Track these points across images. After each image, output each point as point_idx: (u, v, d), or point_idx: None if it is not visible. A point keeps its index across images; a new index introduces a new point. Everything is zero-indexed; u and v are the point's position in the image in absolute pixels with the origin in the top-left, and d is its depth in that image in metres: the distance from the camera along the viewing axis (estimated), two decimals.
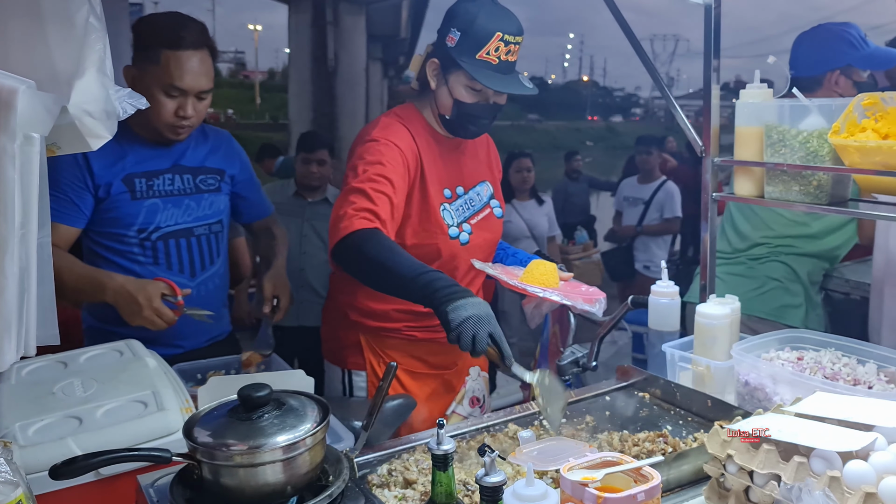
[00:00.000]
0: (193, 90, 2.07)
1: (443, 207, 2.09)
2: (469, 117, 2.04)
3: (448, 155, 2.14)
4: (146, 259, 2.15)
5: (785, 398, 1.69)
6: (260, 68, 36.99)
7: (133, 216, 2.12)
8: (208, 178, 2.27)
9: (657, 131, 13.44)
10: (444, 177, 2.12)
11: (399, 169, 1.96)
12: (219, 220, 2.31)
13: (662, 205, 5.96)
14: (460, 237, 2.11)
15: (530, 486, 1.14)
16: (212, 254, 2.28)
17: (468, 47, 1.94)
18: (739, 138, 2.01)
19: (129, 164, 2.13)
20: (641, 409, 1.83)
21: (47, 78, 1.04)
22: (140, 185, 2.13)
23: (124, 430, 1.46)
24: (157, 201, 2.15)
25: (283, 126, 10.14)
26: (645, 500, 1.12)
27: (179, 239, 2.19)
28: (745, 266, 2.79)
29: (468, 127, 2.08)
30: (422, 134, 2.09)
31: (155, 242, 2.16)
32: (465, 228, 2.13)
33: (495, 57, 1.95)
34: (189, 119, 2.09)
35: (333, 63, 8.27)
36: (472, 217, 2.17)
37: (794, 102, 1.88)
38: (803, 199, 1.90)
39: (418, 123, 2.10)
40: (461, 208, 2.14)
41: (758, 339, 1.91)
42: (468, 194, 2.18)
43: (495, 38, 1.93)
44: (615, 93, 44.41)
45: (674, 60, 49.89)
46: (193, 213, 2.22)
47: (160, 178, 2.16)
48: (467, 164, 2.20)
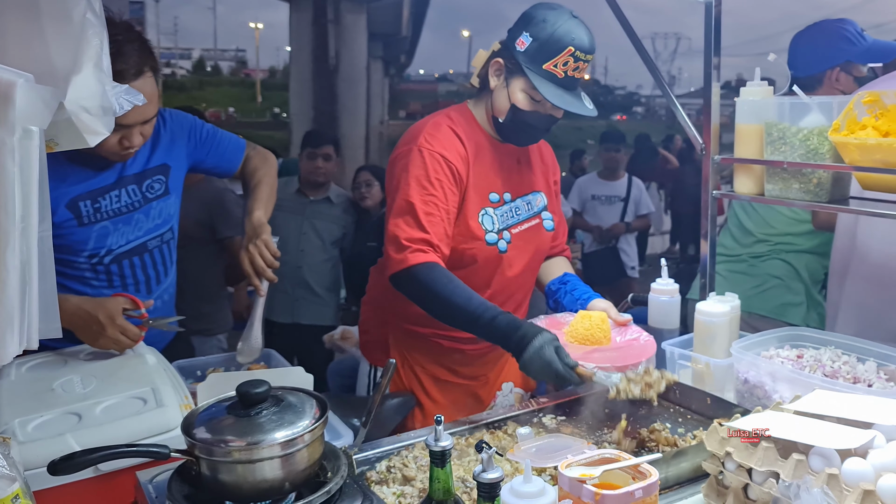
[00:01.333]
0: (138, 122, 1.91)
1: (484, 212, 2.04)
2: (523, 125, 2.01)
3: (500, 159, 2.10)
4: (99, 283, 2.04)
5: (784, 396, 1.69)
6: (261, 66, 37.00)
7: (83, 242, 1.99)
8: (153, 183, 2.12)
9: (659, 130, 13.45)
10: (493, 180, 2.07)
11: (446, 182, 1.95)
12: (169, 227, 2.19)
13: (637, 201, 5.97)
14: (499, 244, 2.06)
15: (528, 482, 1.14)
16: (165, 265, 2.18)
17: (537, 55, 1.91)
18: (740, 136, 2.00)
19: (71, 185, 1.97)
20: (641, 407, 1.83)
21: (44, 73, 1.04)
22: (86, 209, 1.98)
23: (123, 426, 1.46)
24: (107, 224, 2.01)
25: (285, 124, 10.16)
26: (643, 497, 1.12)
27: (133, 258, 2.08)
28: (747, 264, 2.79)
29: (520, 135, 2.05)
30: (472, 137, 2.05)
31: (108, 266, 2.04)
32: (506, 236, 2.07)
33: (562, 71, 1.91)
34: (135, 146, 1.95)
35: (334, 61, 8.28)
36: (516, 225, 2.10)
37: (795, 100, 1.87)
38: (803, 197, 1.89)
39: (470, 125, 2.07)
40: (506, 215, 2.09)
41: (757, 337, 1.91)
42: (515, 202, 2.12)
43: (567, 52, 1.90)
44: (616, 91, 44.32)
45: (675, 59, 49.82)
46: (144, 227, 2.10)
47: (106, 198, 2.02)
48: (520, 171, 2.15)
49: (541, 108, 1.98)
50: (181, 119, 2.22)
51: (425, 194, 1.92)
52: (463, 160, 2.00)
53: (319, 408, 1.32)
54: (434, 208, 1.92)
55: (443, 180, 1.94)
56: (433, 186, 1.93)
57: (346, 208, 4.17)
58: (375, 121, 10.22)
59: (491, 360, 2.20)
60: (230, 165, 2.30)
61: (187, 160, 2.22)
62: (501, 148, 2.10)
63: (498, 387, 2.24)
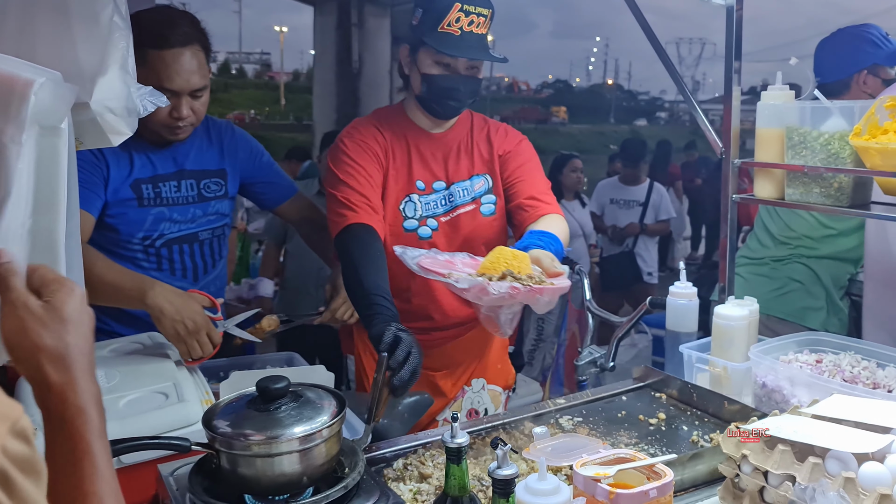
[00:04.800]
0: (185, 90, 1.99)
1: (408, 199, 2.08)
2: (440, 90, 2.02)
3: (433, 147, 2.13)
4: (149, 264, 2.11)
5: (802, 400, 1.68)
6: (285, 69, 37.26)
7: (139, 223, 2.08)
8: (211, 184, 2.21)
9: (682, 135, 13.37)
10: (420, 169, 2.10)
11: (368, 159, 2.02)
12: (224, 223, 2.27)
13: (658, 206, 5.94)
14: (419, 230, 2.08)
15: (542, 480, 1.15)
16: (214, 257, 2.25)
17: (429, 22, 1.94)
18: (760, 140, 2.00)
19: (135, 168, 2.08)
20: (658, 410, 1.83)
21: (72, 74, 1.07)
22: (147, 192, 2.09)
23: (146, 419, 1.49)
24: (164, 209, 2.11)
25: (308, 127, 10.23)
26: (657, 497, 1.12)
27: (183, 245, 2.16)
28: (769, 267, 2.78)
29: (443, 102, 2.05)
30: (393, 128, 2.10)
31: (159, 249, 2.12)
32: (431, 224, 2.10)
33: (457, 28, 1.93)
34: (185, 119, 2.03)
35: (358, 65, 8.32)
36: (447, 213, 2.12)
37: (816, 104, 1.86)
38: (824, 202, 1.88)
39: (398, 117, 2.12)
40: (434, 203, 2.11)
41: (776, 342, 1.90)
42: (451, 189, 2.13)
43: (454, 8, 1.92)
44: (640, 96, 44.15)
45: (700, 64, 49.50)
46: (199, 220, 2.18)
47: (166, 185, 2.12)
48: (458, 157, 2.16)
49: (451, 71, 1.99)
50: (246, 137, 2.35)
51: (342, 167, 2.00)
52: (380, 145, 2.06)
53: (338, 404, 1.34)
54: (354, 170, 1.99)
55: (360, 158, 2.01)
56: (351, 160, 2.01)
57: None
58: None
59: (454, 352, 2.21)
60: (272, 202, 2.42)
61: (240, 176, 2.31)
62: (436, 137, 2.13)
63: (465, 381, 2.26)
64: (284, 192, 2.43)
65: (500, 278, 1.60)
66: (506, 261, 1.65)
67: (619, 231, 5.89)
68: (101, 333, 2.08)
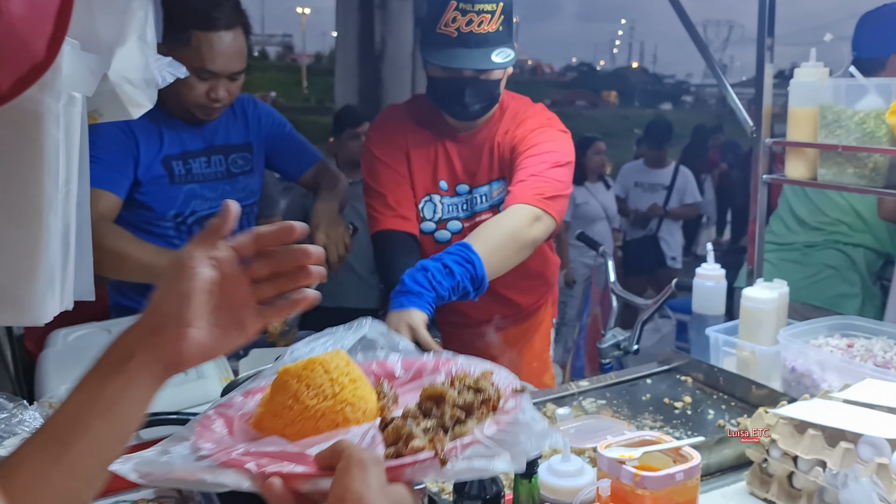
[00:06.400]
0: (226, 73, 2.00)
1: (428, 198, 2.02)
2: (444, 95, 1.92)
3: (460, 147, 2.04)
4: (181, 242, 2.11)
5: (833, 385, 1.64)
6: (307, 52, 37.24)
7: (171, 200, 2.09)
8: (238, 159, 2.21)
9: (708, 119, 13.20)
10: (444, 168, 2.03)
11: (393, 157, 2.01)
12: (253, 201, 2.28)
13: (683, 190, 5.86)
14: (436, 234, 2.03)
15: (566, 461, 1.12)
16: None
17: (428, 22, 1.85)
18: (793, 119, 1.95)
19: (165, 144, 2.08)
20: (683, 394, 1.80)
21: (89, 44, 1.04)
22: (178, 168, 2.10)
23: (165, 396, 1.45)
24: (195, 186, 2.12)
25: (329, 109, 10.21)
26: (684, 480, 1.10)
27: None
28: (800, 252, 2.70)
29: (450, 107, 1.96)
30: (424, 122, 2.03)
31: (191, 226, 2.13)
32: (452, 226, 2.03)
33: (454, 29, 1.81)
34: (221, 101, 2.03)
35: (380, 47, 8.25)
36: (468, 218, 2.05)
37: (851, 82, 1.81)
38: (858, 182, 1.83)
39: (425, 112, 2.04)
40: (456, 206, 2.05)
41: (806, 325, 1.86)
42: (472, 193, 2.05)
43: (450, 7, 1.79)
44: (665, 80, 43.65)
45: (727, 47, 48.81)
46: (229, 197, 2.16)
47: (196, 162, 2.13)
48: (480, 160, 2.04)
49: (453, 74, 1.86)
50: (268, 109, 2.35)
51: (374, 167, 2.00)
52: (406, 139, 2.02)
53: None
54: (386, 175, 1.99)
55: (389, 153, 2.00)
56: (379, 160, 2.00)
57: None
58: None
59: (488, 350, 2.11)
60: (295, 172, 2.39)
61: (265, 148, 2.31)
62: (463, 138, 2.04)
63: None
64: (308, 159, 2.39)
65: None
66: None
67: (640, 213, 5.82)
68: (129, 312, 2.10)
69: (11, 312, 0.88)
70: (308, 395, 0.92)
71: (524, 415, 0.86)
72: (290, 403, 0.92)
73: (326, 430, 0.90)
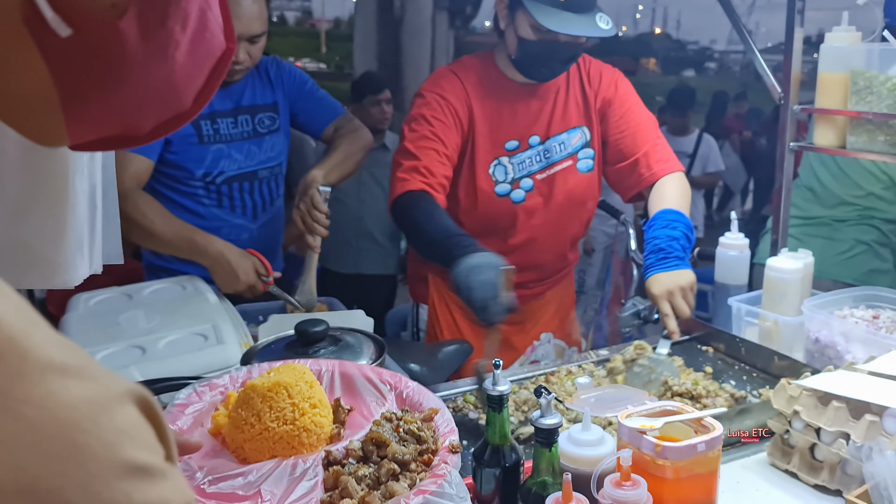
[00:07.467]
0: (245, 35, 2.01)
1: (497, 162, 1.99)
2: (535, 58, 1.92)
3: (526, 101, 2.02)
4: (210, 201, 2.16)
5: (857, 357, 1.62)
6: (326, 17, 36.92)
7: (200, 160, 2.12)
8: (264, 118, 2.23)
9: (732, 86, 12.97)
10: (512, 126, 2.01)
11: (447, 120, 1.92)
12: (279, 162, 2.29)
13: (706, 158, 5.77)
14: (512, 194, 2.00)
15: (586, 430, 1.12)
16: (272, 195, 2.28)
17: None
18: (822, 85, 1.90)
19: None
20: (704, 364, 1.78)
21: None
22: (206, 128, 2.11)
23: (185, 360, 1.49)
24: (223, 147, 2.14)
25: (348, 75, 10.14)
26: (705, 451, 1.08)
27: (243, 182, 2.19)
28: (830, 228, 2.57)
29: (538, 69, 1.96)
30: (480, 83, 1.99)
31: (220, 186, 2.16)
32: (525, 184, 2.01)
33: None
34: (241, 63, 2.04)
35: (399, 12, 8.17)
36: (542, 170, 2.03)
37: (885, 46, 1.76)
38: (889, 150, 1.79)
39: (479, 72, 2.01)
40: (528, 161, 2.02)
41: (830, 296, 1.83)
42: (546, 144, 2.03)
43: None
44: (689, 46, 42.86)
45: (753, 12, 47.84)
46: (256, 157, 2.21)
47: (224, 121, 2.15)
48: (553, 109, 2.05)
49: (551, 37, 1.86)
50: (290, 66, 2.35)
51: (418, 128, 1.91)
52: (463, 103, 1.95)
53: (377, 349, 1.33)
54: (429, 143, 1.89)
55: (439, 117, 1.92)
56: (427, 122, 1.91)
57: None
58: None
59: (527, 308, 2.11)
60: (317, 127, 2.36)
61: (289, 107, 2.31)
62: (523, 89, 2.02)
63: (535, 336, 2.20)
64: (329, 114, 2.37)
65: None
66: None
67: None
68: (162, 271, 2.14)
69: (41, 275, 0.87)
70: (269, 416, 1.03)
71: (450, 487, 0.95)
72: (252, 421, 1.03)
73: (282, 452, 1.03)
